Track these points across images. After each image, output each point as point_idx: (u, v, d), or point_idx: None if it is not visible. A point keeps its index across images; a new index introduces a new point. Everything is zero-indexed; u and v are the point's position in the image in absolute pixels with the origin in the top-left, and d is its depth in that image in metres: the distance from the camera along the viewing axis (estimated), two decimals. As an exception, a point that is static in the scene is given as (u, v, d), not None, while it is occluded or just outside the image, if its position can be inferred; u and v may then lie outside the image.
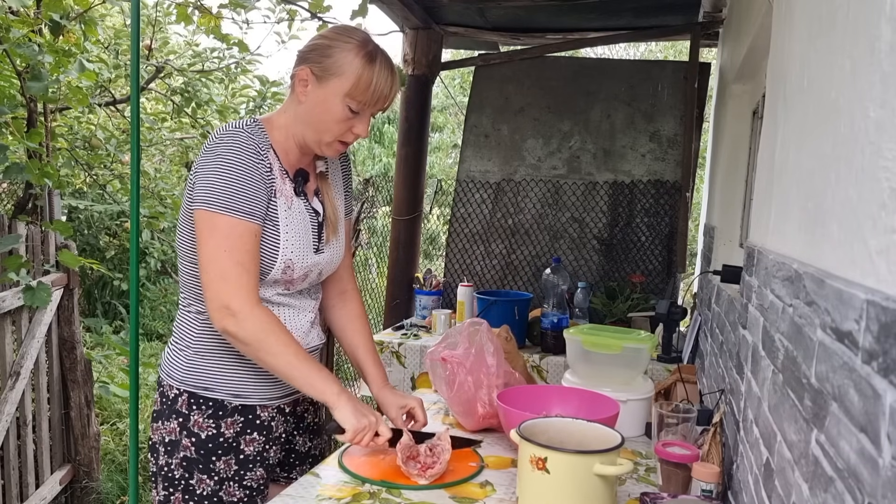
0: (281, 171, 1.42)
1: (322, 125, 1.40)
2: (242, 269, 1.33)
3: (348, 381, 4.07)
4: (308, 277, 1.49)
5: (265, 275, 1.40)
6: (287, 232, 1.41)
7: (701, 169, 4.34)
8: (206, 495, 1.41)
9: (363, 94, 1.37)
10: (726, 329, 1.72)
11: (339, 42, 1.37)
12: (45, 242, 3.12)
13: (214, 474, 1.41)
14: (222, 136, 1.37)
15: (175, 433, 1.42)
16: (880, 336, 0.56)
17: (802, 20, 1.05)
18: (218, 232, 1.33)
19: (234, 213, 1.33)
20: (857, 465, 0.59)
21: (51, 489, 3.14)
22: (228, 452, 1.43)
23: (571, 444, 1.27)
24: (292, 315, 1.50)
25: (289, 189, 1.43)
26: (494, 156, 3.44)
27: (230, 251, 1.32)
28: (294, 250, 1.42)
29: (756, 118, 2.53)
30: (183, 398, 1.42)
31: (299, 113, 1.41)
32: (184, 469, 1.41)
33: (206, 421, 1.42)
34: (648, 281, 3.16)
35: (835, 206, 0.76)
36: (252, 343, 1.33)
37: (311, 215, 1.48)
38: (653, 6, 3.14)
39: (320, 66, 1.37)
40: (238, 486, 1.43)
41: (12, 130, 2.99)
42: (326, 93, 1.37)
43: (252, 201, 1.34)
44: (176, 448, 1.42)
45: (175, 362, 1.45)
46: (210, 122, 5.06)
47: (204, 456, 1.41)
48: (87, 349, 5.03)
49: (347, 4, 3.19)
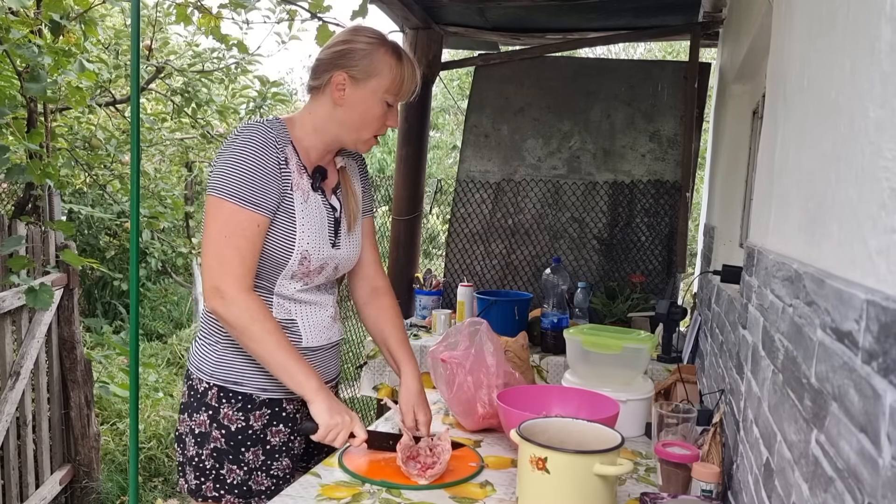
0: (298, 166, 1.48)
1: (363, 123, 1.48)
2: (238, 256, 1.38)
3: (348, 382, 4.07)
4: (324, 271, 1.53)
5: (282, 267, 1.45)
6: (303, 224, 1.46)
7: (701, 169, 4.34)
8: (236, 484, 1.47)
9: (399, 88, 1.48)
10: (726, 329, 1.72)
11: (369, 45, 1.46)
12: (46, 242, 3.12)
13: (244, 464, 1.47)
14: (241, 130, 1.44)
15: (205, 425, 1.48)
16: (880, 336, 0.56)
17: (802, 20, 1.05)
18: (221, 217, 1.39)
19: (239, 201, 1.38)
20: (857, 465, 0.59)
21: (51, 489, 3.14)
22: (256, 444, 1.48)
23: (571, 444, 1.27)
24: (313, 311, 1.54)
25: (306, 184, 1.48)
26: (494, 156, 3.44)
27: (230, 237, 1.38)
28: (310, 241, 1.47)
29: (756, 118, 2.53)
30: (213, 392, 1.48)
31: (335, 115, 1.48)
32: (214, 459, 1.47)
33: (236, 414, 1.47)
34: (648, 281, 3.16)
35: (835, 206, 0.76)
36: (237, 327, 1.38)
37: (328, 210, 1.53)
38: (653, 6, 3.13)
39: (357, 68, 1.45)
40: (266, 476, 1.49)
41: (13, 131, 2.99)
42: (366, 93, 1.46)
43: (259, 192, 1.39)
44: (206, 439, 1.47)
45: (204, 356, 1.50)
46: (210, 123, 5.06)
47: (233, 447, 1.47)
48: (87, 349, 5.03)
49: (347, 4, 3.19)
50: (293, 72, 16.49)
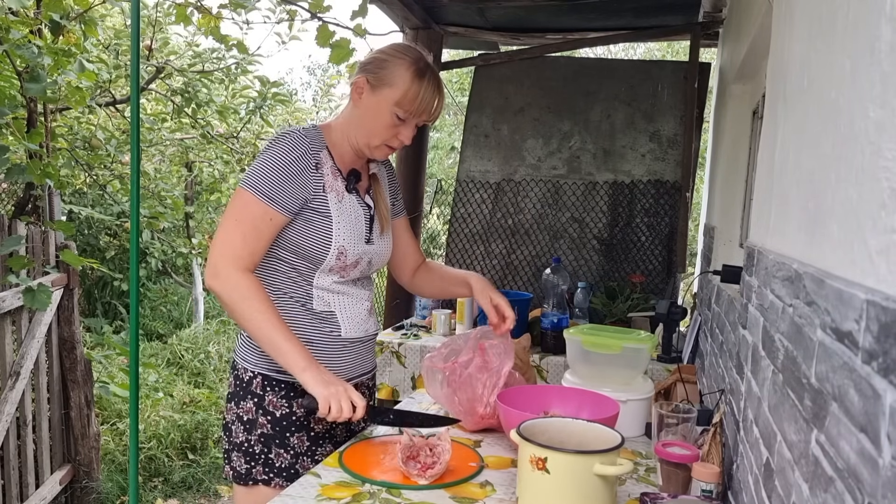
0: (333, 170, 1.57)
1: (372, 129, 1.56)
2: (243, 241, 1.47)
3: (348, 382, 4.06)
4: (359, 265, 1.61)
5: (321, 262, 1.54)
6: (339, 222, 1.55)
7: (701, 169, 4.34)
8: (285, 467, 1.56)
9: (410, 105, 1.53)
10: (726, 329, 1.72)
11: (394, 57, 1.54)
12: (46, 242, 3.12)
13: (290, 448, 1.56)
14: (280, 135, 1.54)
15: (252, 412, 1.56)
16: (880, 336, 0.56)
17: (802, 20, 1.05)
18: (238, 204, 1.49)
19: (257, 193, 1.47)
20: (857, 465, 0.59)
21: (51, 489, 3.14)
22: (301, 430, 1.57)
23: (571, 444, 1.27)
24: (350, 303, 1.62)
25: (340, 186, 1.57)
26: (494, 156, 3.44)
27: (240, 222, 1.48)
28: (346, 238, 1.55)
29: (756, 118, 2.53)
30: (258, 380, 1.57)
31: (353, 117, 1.58)
32: (262, 444, 1.56)
33: (280, 401, 1.56)
34: (648, 281, 3.16)
35: (835, 206, 0.76)
36: (227, 304, 1.46)
37: (364, 209, 1.62)
38: (653, 6, 3.14)
39: (375, 76, 1.53)
40: (311, 461, 1.58)
41: (13, 131, 2.99)
42: (378, 100, 1.53)
43: (279, 190, 1.48)
44: (254, 426, 1.56)
45: (249, 347, 1.58)
46: (210, 123, 5.06)
47: (279, 432, 1.56)
48: (87, 349, 5.04)
49: (347, 4, 3.19)
50: (293, 72, 16.51)
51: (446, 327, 2.92)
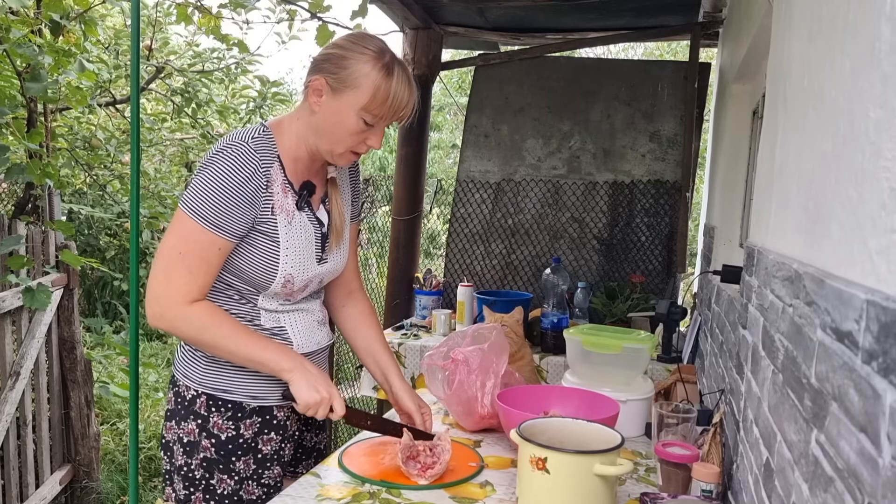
0: (284, 186, 1.40)
1: (335, 136, 1.38)
2: (189, 276, 1.33)
3: (348, 381, 4.07)
4: (308, 287, 1.50)
5: (265, 288, 1.42)
6: (287, 247, 1.41)
7: (701, 169, 4.34)
8: (227, 494, 1.43)
9: (380, 108, 1.34)
10: (726, 329, 1.72)
11: (355, 53, 1.34)
12: (46, 242, 3.12)
13: (234, 474, 1.43)
14: (225, 147, 1.35)
15: (194, 434, 1.43)
16: (880, 336, 0.56)
17: (802, 20, 1.05)
18: (181, 232, 1.34)
19: (203, 221, 1.32)
20: (857, 465, 0.59)
21: (51, 489, 3.14)
22: (247, 452, 1.44)
23: (571, 444, 1.27)
24: (299, 318, 1.50)
25: (290, 204, 1.42)
26: (494, 156, 3.44)
27: (184, 254, 1.33)
28: (294, 264, 1.42)
29: (756, 118, 2.53)
30: (201, 400, 1.43)
31: (312, 123, 1.39)
32: (204, 469, 1.43)
33: (226, 423, 1.43)
34: (648, 281, 3.16)
35: (835, 206, 0.76)
36: (189, 339, 1.37)
37: (315, 226, 1.47)
38: (653, 6, 3.13)
39: (336, 77, 1.34)
40: (256, 485, 1.46)
41: (13, 131, 2.99)
42: (341, 105, 1.34)
43: (227, 217, 1.33)
44: (195, 449, 1.43)
45: (192, 364, 1.45)
46: (210, 123, 5.06)
47: (224, 456, 1.43)
48: (87, 349, 5.03)
49: (347, 4, 3.19)
50: (293, 72, 16.49)
51: (446, 327, 2.92)
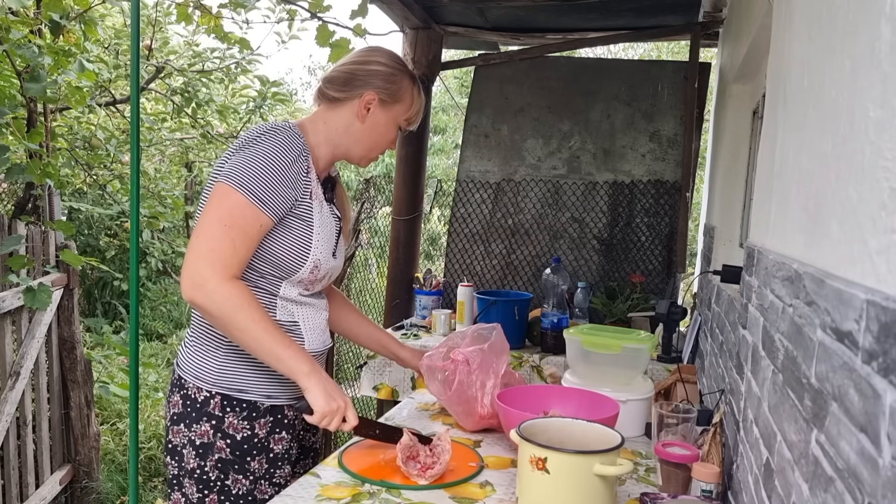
0: (315, 176, 1.48)
1: (375, 143, 1.55)
2: (232, 248, 1.33)
3: (348, 381, 4.07)
4: (323, 280, 1.55)
5: (293, 273, 1.45)
6: (319, 233, 1.47)
7: (701, 169, 4.33)
8: (242, 495, 1.45)
9: (414, 118, 1.58)
10: (726, 329, 1.72)
11: (398, 70, 1.54)
12: (46, 242, 3.12)
13: (249, 474, 1.45)
14: (271, 128, 1.42)
15: (208, 436, 1.43)
16: (880, 336, 0.56)
17: (802, 20, 1.05)
18: (227, 205, 1.34)
19: (251, 196, 1.34)
20: (857, 465, 0.59)
21: (51, 489, 3.14)
22: (261, 452, 1.47)
23: (571, 444, 1.27)
24: (314, 314, 1.55)
25: (321, 193, 1.50)
26: (494, 156, 3.44)
27: (230, 227, 1.33)
28: (322, 251, 1.48)
29: (756, 118, 2.53)
30: (216, 400, 1.44)
31: (353, 130, 1.52)
32: (219, 470, 1.44)
33: (241, 423, 1.44)
34: (648, 281, 3.16)
35: (835, 206, 0.76)
36: (220, 317, 1.32)
37: (336, 220, 1.56)
38: (653, 6, 3.13)
39: (387, 91, 1.51)
40: (269, 485, 1.48)
41: (13, 131, 2.99)
42: (389, 116, 1.53)
43: (274, 196, 1.37)
44: (209, 450, 1.44)
45: (204, 364, 1.45)
46: (210, 123, 5.06)
47: (239, 457, 1.44)
48: (87, 349, 5.04)
49: (347, 4, 3.19)
50: (293, 72, 16.51)
51: (446, 327, 2.92)
